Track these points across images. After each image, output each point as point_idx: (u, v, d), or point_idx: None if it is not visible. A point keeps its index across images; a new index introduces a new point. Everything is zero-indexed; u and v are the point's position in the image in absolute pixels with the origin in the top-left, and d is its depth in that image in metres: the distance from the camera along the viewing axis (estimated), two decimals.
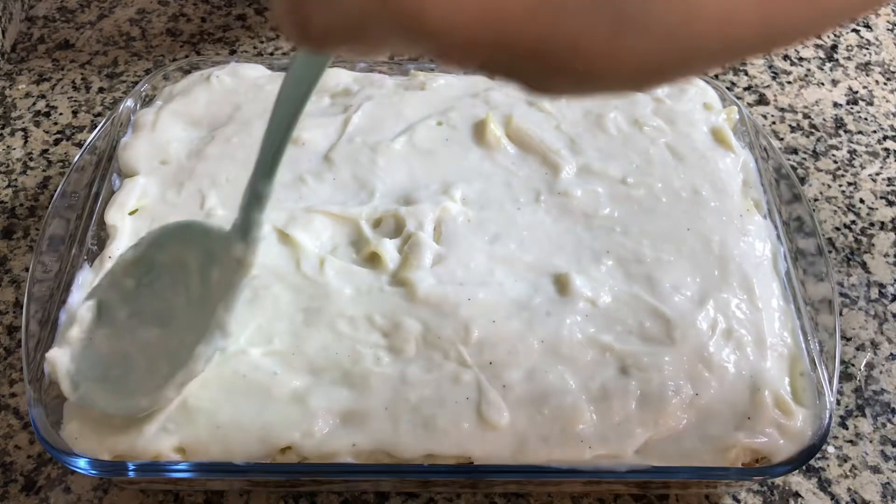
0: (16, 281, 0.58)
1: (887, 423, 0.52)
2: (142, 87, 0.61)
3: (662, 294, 0.49)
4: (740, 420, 0.45)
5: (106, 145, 0.57)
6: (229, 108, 0.59)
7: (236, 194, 0.53)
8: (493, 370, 0.45)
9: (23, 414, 0.51)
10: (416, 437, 0.43)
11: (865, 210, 0.63)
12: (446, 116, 0.58)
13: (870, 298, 0.58)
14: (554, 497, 0.48)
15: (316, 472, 0.44)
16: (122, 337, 0.45)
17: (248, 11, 0.79)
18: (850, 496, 0.49)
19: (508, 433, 0.44)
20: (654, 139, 0.56)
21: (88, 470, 0.43)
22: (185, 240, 0.46)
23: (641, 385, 0.45)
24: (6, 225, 0.61)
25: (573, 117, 0.58)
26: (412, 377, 0.45)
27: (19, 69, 0.73)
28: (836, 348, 0.47)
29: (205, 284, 0.45)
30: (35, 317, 0.48)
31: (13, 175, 0.64)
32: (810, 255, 0.52)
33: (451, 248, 0.51)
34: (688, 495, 0.48)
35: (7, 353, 0.54)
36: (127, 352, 0.45)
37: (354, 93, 0.60)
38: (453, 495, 0.48)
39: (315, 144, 0.56)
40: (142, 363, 0.45)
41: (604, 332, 0.47)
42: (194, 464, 0.43)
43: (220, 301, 0.43)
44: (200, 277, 0.45)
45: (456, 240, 0.51)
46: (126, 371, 0.44)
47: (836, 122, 0.69)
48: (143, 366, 0.44)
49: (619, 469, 0.43)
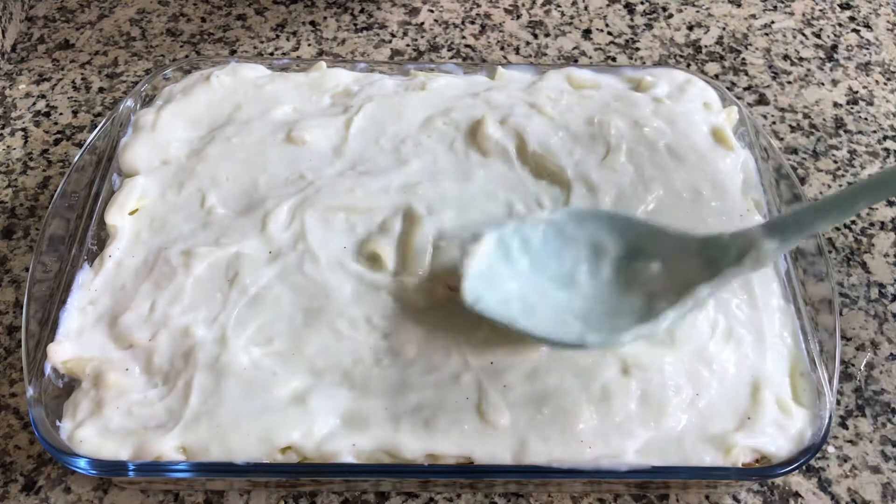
0: (16, 281, 0.58)
1: (887, 423, 0.52)
2: (142, 87, 0.61)
3: None
4: (740, 420, 0.45)
5: (106, 145, 0.57)
6: (229, 108, 0.59)
7: (237, 194, 0.54)
8: (494, 370, 0.45)
9: (23, 414, 0.51)
10: (417, 437, 0.43)
11: (865, 210, 0.63)
12: (446, 116, 0.58)
13: (870, 298, 0.58)
14: (554, 497, 0.48)
15: (316, 472, 0.44)
16: (521, 281, 0.47)
17: (248, 11, 0.79)
18: (850, 496, 0.49)
19: (509, 433, 0.44)
20: (655, 140, 0.56)
21: (88, 470, 0.43)
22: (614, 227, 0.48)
23: (641, 385, 0.45)
24: (6, 225, 0.61)
25: (574, 119, 0.58)
26: (412, 378, 0.45)
27: (19, 69, 0.73)
28: (836, 348, 0.47)
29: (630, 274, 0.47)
30: (35, 317, 0.48)
31: (13, 175, 0.64)
32: (810, 255, 0.52)
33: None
34: (688, 495, 0.48)
35: (7, 353, 0.54)
36: (527, 293, 0.46)
37: (355, 93, 0.60)
38: (453, 495, 0.48)
39: (316, 144, 0.57)
40: (545, 310, 0.46)
41: None
42: (194, 464, 0.43)
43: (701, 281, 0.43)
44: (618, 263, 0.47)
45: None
46: (529, 311, 0.46)
47: (836, 122, 0.69)
48: (548, 313, 0.46)
49: (619, 469, 0.43)
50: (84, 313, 0.49)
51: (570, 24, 0.78)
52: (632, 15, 0.79)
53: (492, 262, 0.47)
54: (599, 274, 0.47)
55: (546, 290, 0.47)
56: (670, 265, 0.46)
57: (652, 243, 0.47)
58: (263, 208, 0.53)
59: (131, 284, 0.50)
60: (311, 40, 0.76)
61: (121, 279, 0.50)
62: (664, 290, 0.45)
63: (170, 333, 0.47)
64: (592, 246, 0.48)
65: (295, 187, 0.54)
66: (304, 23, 0.77)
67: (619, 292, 0.47)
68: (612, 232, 0.48)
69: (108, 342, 0.48)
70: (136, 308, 0.48)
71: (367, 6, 0.79)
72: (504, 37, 0.76)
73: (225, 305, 0.48)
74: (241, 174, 0.55)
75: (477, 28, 0.77)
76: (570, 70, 0.62)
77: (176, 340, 0.47)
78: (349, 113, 0.58)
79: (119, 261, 0.51)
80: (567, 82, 0.62)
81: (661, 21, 0.78)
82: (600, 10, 0.79)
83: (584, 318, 0.45)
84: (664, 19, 0.79)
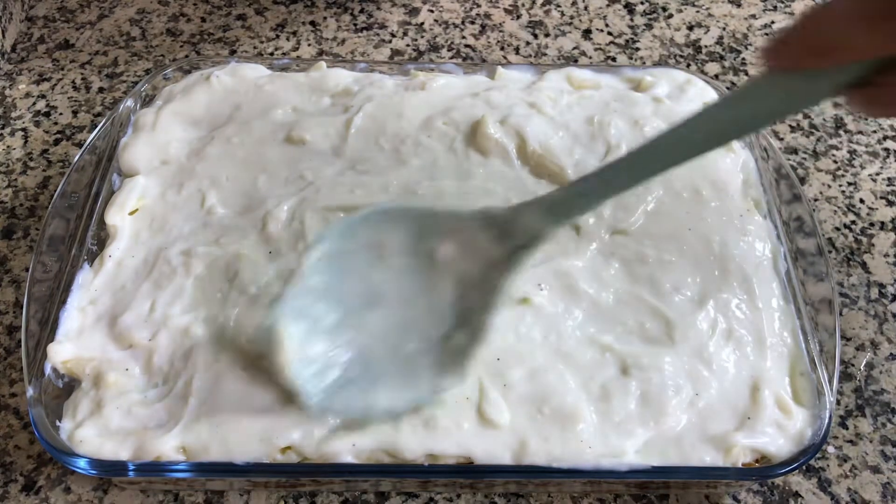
0: (16, 281, 0.58)
1: (887, 423, 0.52)
2: (142, 87, 0.61)
3: (663, 294, 0.49)
4: (740, 420, 0.45)
5: (106, 145, 0.57)
6: (229, 108, 0.59)
7: (237, 194, 0.54)
8: (495, 369, 0.45)
9: (23, 414, 0.51)
10: (417, 436, 0.43)
11: (865, 210, 0.63)
12: (446, 116, 0.58)
13: (870, 298, 0.58)
14: (554, 497, 0.48)
15: (316, 472, 0.44)
16: (339, 336, 0.44)
17: (248, 11, 0.79)
18: (850, 496, 0.49)
19: (509, 433, 0.44)
20: None
21: (88, 470, 0.43)
22: (379, 223, 0.45)
23: (641, 385, 0.45)
24: (6, 225, 0.61)
25: (574, 119, 0.58)
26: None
27: (19, 69, 0.73)
28: (836, 348, 0.47)
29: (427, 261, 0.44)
30: (35, 317, 0.48)
31: (13, 175, 0.64)
32: (810, 255, 0.52)
33: None
34: (688, 495, 0.48)
35: (7, 353, 0.54)
36: (354, 347, 0.44)
37: (355, 93, 0.60)
38: (453, 495, 0.48)
39: (316, 144, 0.57)
40: (380, 352, 0.44)
41: (604, 332, 0.47)
42: (194, 464, 0.43)
43: (503, 272, 0.42)
44: (411, 256, 0.45)
45: None
46: (366, 366, 0.44)
47: (836, 122, 0.69)
48: (384, 354, 0.44)
49: (619, 469, 0.43)
50: (84, 313, 0.49)
51: (570, 24, 0.78)
52: (632, 15, 0.79)
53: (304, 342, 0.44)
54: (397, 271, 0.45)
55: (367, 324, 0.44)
56: (465, 245, 0.44)
57: (436, 226, 0.45)
58: (263, 208, 0.53)
59: (131, 284, 0.50)
60: (311, 40, 0.76)
61: (121, 279, 0.50)
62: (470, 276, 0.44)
63: (170, 333, 0.47)
64: (373, 247, 0.45)
65: (295, 187, 0.54)
66: (304, 23, 0.77)
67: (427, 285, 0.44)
68: (390, 227, 0.45)
69: (108, 342, 0.48)
70: (136, 308, 0.48)
71: (367, 6, 0.79)
72: (504, 37, 0.76)
73: (225, 305, 0.48)
74: (241, 174, 0.55)
75: (477, 28, 0.77)
76: (570, 70, 0.62)
77: (176, 340, 0.47)
78: (349, 113, 0.58)
79: (119, 261, 0.51)
80: (567, 82, 0.62)
81: (661, 21, 0.78)
82: (600, 10, 0.79)
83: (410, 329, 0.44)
84: (664, 19, 0.78)
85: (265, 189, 0.54)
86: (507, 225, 0.43)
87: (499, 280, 0.43)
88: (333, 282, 0.45)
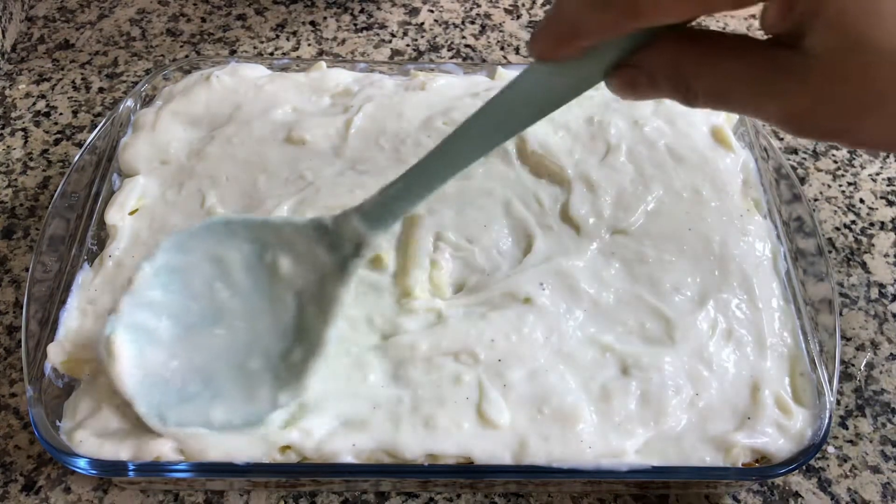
0: (16, 281, 0.58)
1: (887, 423, 0.52)
2: (142, 87, 0.61)
3: (663, 294, 0.49)
4: (740, 420, 0.45)
5: (106, 145, 0.57)
6: (229, 108, 0.59)
7: (236, 194, 0.54)
8: (495, 369, 0.45)
9: (23, 414, 0.51)
10: (417, 436, 0.43)
11: (865, 210, 0.63)
12: (446, 116, 0.58)
13: (870, 298, 0.58)
14: (554, 497, 0.48)
15: (316, 472, 0.44)
16: (179, 350, 0.44)
17: (248, 11, 0.79)
18: (850, 496, 0.49)
19: (509, 433, 0.44)
20: (655, 140, 0.56)
21: (88, 470, 0.43)
22: (218, 236, 0.45)
23: (641, 385, 0.45)
24: (6, 225, 0.61)
25: (574, 119, 0.58)
26: (413, 378, 0.45)
27: (19, 69, 0.73)
28: (836, 348, 0.47)
29: (268, 274, 0.44)
30: (35, 317, 0.48)
31: (13, 175, 0.64)
32: (810, 255, 0.52)
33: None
34: (688, 495, 0.48)
35: (7, 353, 0.54)
36: (194, 362, 0.44)
37: (355, 93, 0.60)
38: (453, 495, 0.48)
39: (316, 144, 0.56)
40: (221, 366, 0.44)
41: (604, 332, 0.47)
42: (194, 464, 0.43)
43: (337, 283, 0.43)
44: (252, 269, 0.45)
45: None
46: (206, 381, 0.44)
47: None
48: (225, 369, 0.44)
49: (619, 469, 0.43)
50: (84, 313, 0.49)
51: None
52: None
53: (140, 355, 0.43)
54: (240, 287, 0.45)
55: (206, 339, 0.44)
56: (302, 257, 0.44)
57: (274, 237, 0.45)
58: (263, 208, 0.52)
59: None
60: (311, 40, 0.76)
61: (121, 279, 0.50)
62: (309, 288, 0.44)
63: None
64: (211, 261, 0.45)
65: (295, 187, 0.54)
66: (304, 23, 0.77)
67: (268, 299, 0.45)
68: (220, 239, 0.45)
69: None
70: None
71: (367, 6, 0.79)
72: (504, 37, 0.76)
73: None
74: (241, 174, 0.55)
75: (477, 28, 0.77)
76: None
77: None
78: (349, 113, 0.58)
79: (119, 261, 0.51)
80: None
81: None
82: None
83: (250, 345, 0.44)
84: None
85: (265, 189, 0.54)
86: (334, 235, 0.43)
87: (334, 291, 0.43)
88: (173, 296, 0.45)
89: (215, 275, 0.45)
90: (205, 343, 0.45)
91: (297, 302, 0.44)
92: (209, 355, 0.44)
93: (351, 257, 0.43)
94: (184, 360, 0.44)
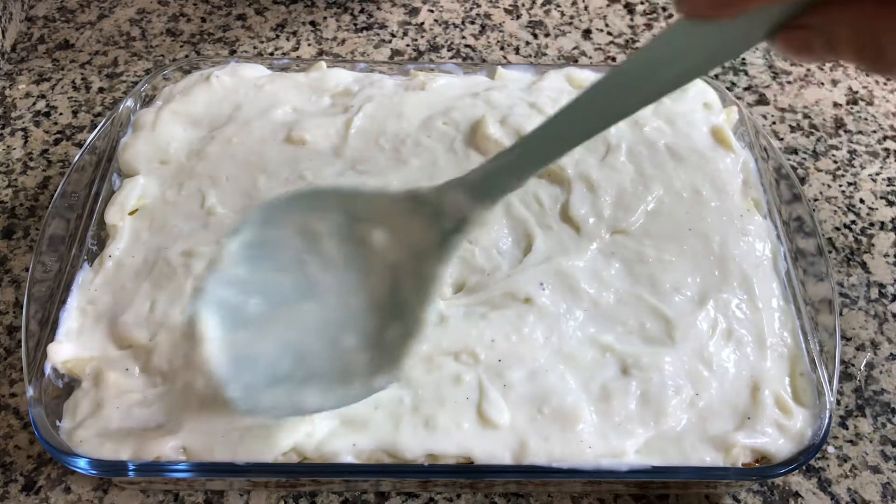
0: (16, 281, 0.58)
1: (887, 423, 0.52)
2: (142, 87, 0.61)
3: (663, 294, 0.49)
4: (740, 420, 0.45)
5: (106, 145, 0.57)
6: (229, 108, 0.59)
7: (236, 194, 0.54)
8: (495, 369, 0.45)
9: (23, 414, 0.51)
10: (417, 436, 0.43)
11: (865, 210, 0.63)
12: (446, 116, 0.58)
13: (870, 298, 0.58)
14: (554, 497, 0.48)
15: (316, 472, 0.44)
16: (268, 328, 0.41)
17: (248, 11, 0.79)
18: (850, 496, 0.49)
19: (509, 433, 0.44)
20: (655, 140, 0.56)
21: (88, 470, 0.43)
22: (306, 207, 0.42)
23: (641, 385, 0.45)
24: (6, 225, 0.61)
25: None
26: (413, 378, 0.45)
27: (19, 69, 0.73)
28: (836, 348, 0.47)
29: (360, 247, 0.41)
30: (35, 317, 0.48)
31: (13, 175, 0.64)
32: (810, 255, 0.52)
33: None
34: (688, 495, 0.48)
35: (7, 353, 0.54)
36: (284, 340, 0.41)
37: (355, 93, 0.60)
38: (453, 495, 0.48)
39: (316, 144, 0.57)
40: (314, 344, 0.41)
41: (605, 332, 0.47)
42: (194, 464, 0.43)
43: (435, 261, 0.39)
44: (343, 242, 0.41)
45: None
46: (298, 360, 0.41)
47: (836, 122, 0.69)
48: (318, 347, 0.41)
49: (619, 469, 0.43)
50: (84, 313, 0.49)
51: (570, 24, 0.78)
52: (632, 15, 0.79)
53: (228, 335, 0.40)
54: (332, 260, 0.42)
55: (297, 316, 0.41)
56: (397, 230, 0.41)
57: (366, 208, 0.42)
58: None
59: (131, 284, 0.50)
60: (311, 40, 0.76)
61: (121, 279, 0.50)
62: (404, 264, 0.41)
63: (170, 333, 0.47)
64: (302, 233, 0.42)
65: (295, 187, 0.54)
66: (304, 23, 0.77)
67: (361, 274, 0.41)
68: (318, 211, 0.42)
69: (108, 342, 0.48)
70: (136, 308, 0.48)
71: (367, 6, 0.79)
72: (504, 37, 0.76)
73: None
74: (241, 174, 0.55)
75: (477, 28, 0.77)
76: (570, 70, 0.62)
77: (176, 340, 0.47)
78: (349, 113, 0.58)
79: (119, 261, 0.51)
80: (567, 82, 0.62)
81: (661, 21, 0.78)
82: (600, 10, 0.79)
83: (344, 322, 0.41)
84: (664, 19, 0.78)
85: (265, 189, 0.54)
86: (434, 207, 0.40)
87: (433, 269, 0.40)
88: (261, 271, 0.41)
89: (304, 248, 0.42)
90: (296, 320, 0.41)
91: (391, 277, 0.41)
92: (300, 333, 0.41)
93: (452, 233, 0.39)
94: (274, 339, 0.41)
